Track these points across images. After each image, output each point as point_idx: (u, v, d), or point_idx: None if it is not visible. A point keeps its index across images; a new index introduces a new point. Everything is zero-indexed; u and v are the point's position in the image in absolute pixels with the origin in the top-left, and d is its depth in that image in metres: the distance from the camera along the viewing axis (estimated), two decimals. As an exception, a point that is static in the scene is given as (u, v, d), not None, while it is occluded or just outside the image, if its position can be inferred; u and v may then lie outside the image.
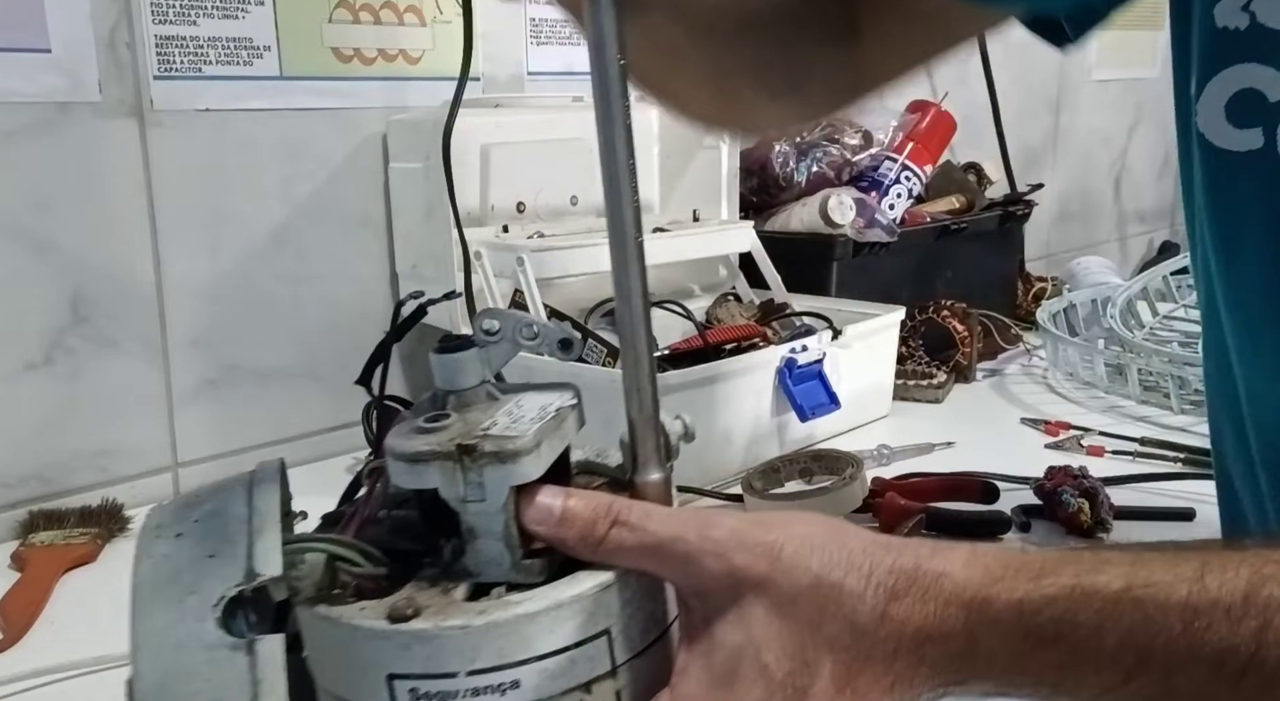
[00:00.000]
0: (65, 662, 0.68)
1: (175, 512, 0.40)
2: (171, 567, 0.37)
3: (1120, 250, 2.29)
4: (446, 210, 1.01)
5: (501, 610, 0.38)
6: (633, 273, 0.43)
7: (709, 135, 0.77)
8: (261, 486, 0.41)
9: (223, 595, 0.36)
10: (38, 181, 0.90)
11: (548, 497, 0.40)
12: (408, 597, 0.39)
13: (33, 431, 0.92)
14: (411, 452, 0.39)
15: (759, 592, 0.39)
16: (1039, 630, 0.37)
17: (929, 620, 0.38)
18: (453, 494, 0.39)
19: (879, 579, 0.39)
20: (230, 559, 0.37)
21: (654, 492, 0.43)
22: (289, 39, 1.03)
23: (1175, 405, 1.16)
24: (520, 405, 0.43)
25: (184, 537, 0.39)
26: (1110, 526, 0.86)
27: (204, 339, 1.01)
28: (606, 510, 0.41)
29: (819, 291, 1.25)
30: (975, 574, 0.38)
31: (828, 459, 0.98)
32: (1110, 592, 0.36)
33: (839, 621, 0.38)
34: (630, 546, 0.40)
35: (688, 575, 0.40)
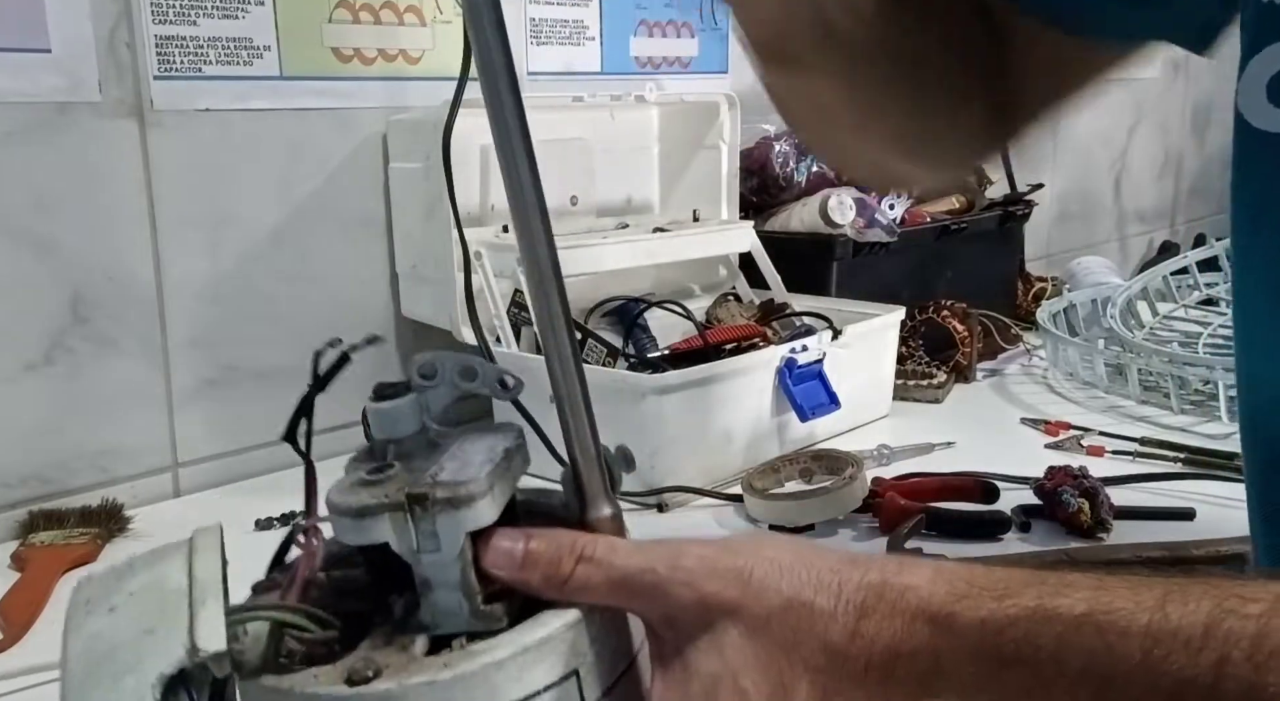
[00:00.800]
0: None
1: (107, 585, 0.38)
2: (106, 646, 0.35)
3: (1120, 250, 2.30)
4: (446, 210, 1.01)
5: (467, 661, 0.37)
6: (555, 308, 0.41)
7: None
8: (200, 554, 0.39)
9: (162, 673, 0.34)
10: (38, 181, 0.90)
11: (508, 541, 0.40)
12: (364, 658, 0.37)
13: (33, 431, 0.92)
14: (358, 507, 0.38)
15: (732, 618, 0.39)
16: (1000, 651, 0.37)
17: (897, 636, 0.38)
18: (405, 546, 0.38)
19: (848, 596, 0.39)
20: (169, 634, 0.35)
21: (607, 529, 0.43)
22: (289, 39, 1.03)
23: (1175, 405, 1.16)
24: (465, 449, 0.41)
25: (117, 612, 0.36)
26: (1110, 526, 0.86)
27: (204, 339, 1.01)
28: (570, 548, 0.40)
29: (819, 291, 1.25)
30: (940, 589, 0.38)
31: (828, 459, 0.98)
32: (1071, 617, 0.36)
33: (813, 641, 0.39)
34: (598, 583, 0.40)
35: (658, 606, 0.40)
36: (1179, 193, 2.49)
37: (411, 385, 0.41)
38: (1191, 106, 2.44)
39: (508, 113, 0.41)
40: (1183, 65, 2.34)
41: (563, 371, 0.42)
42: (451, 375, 0.41)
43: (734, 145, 1.26)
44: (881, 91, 0.58)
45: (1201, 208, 2.56)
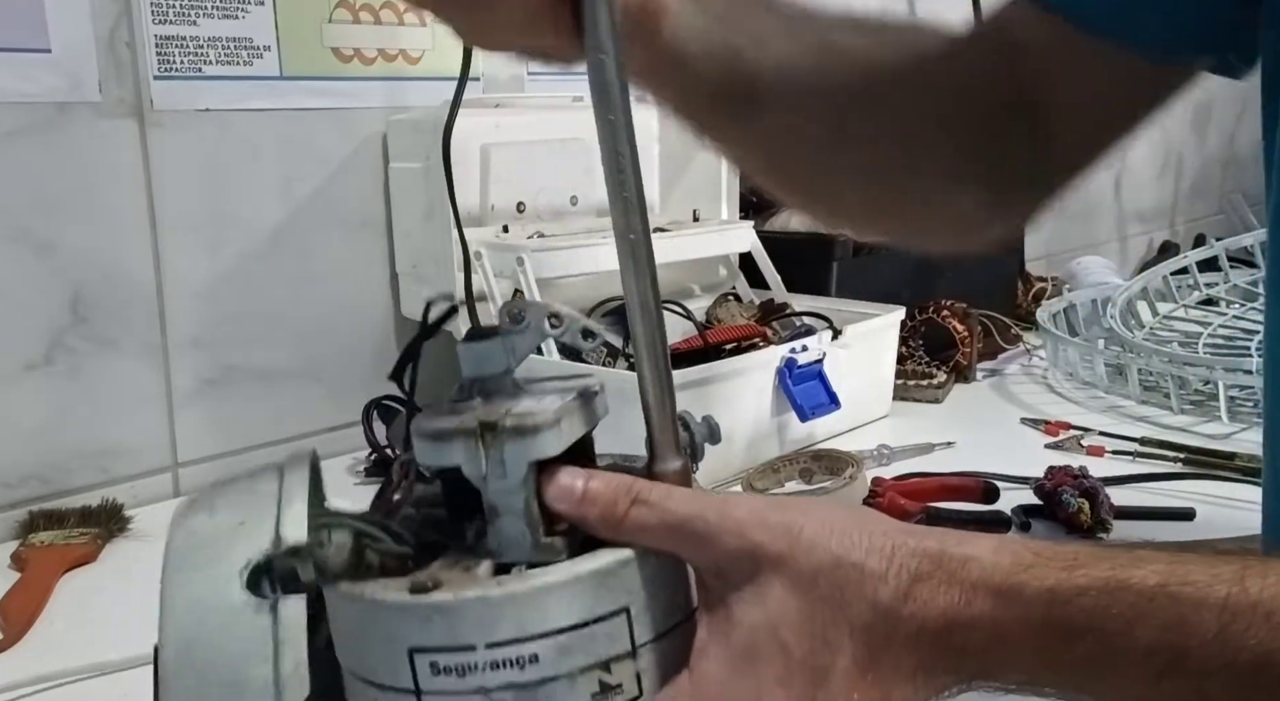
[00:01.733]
0: (64, 664, 0.68)
1: (210, 490, 0.42)
2: (201, 537, 0.39)
3: (1120, 250, 2.30)
4: (446, 210, 1.01)
5: (519, 582, 0.38)
6: (641, 258, 0.43)
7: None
8: (292, 467, 0.42)
9: (249, 559, 0.37)
10: (38, 181, 0.90)
11: (569, 477, 0.41)
12: (430, 573, 0.40)
13: (33, 431, 0.92)
14: (435, 430, 0.40)
15: (777, 570, 0.39)
16: (1069, 621, 0.36)
17: (954, 604, 0.37)
18: (474, 471, 0.40)
19: (902, 560, 0.38)
20: (258, 527, 0.38)
21: (673, 482, 0.43)
22: (289, 39, 1.03)
23: (1175, 405, 1.16)
24: (544, 392, 0.43)
25: (215, 512, 0.40)
26: (1110, 526, 0.86)
27: (204, 339, 1.01)
28: (628, 489, 0.41)
29: (819, 291, 1.25)
30: (1004, 559, 0.37)
31: (828, 459, 0.98)
32: (1145, 588, 0.35)
33: (860, 601, 0.38)
34: (651, 524, 0.40)
35: (707, 553, 0.40)
36: (1179, 193, 2.49)
37: (500, 329, 0.43)
38: (1192, 106, 2.43)
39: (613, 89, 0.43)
40: (1183, 65, 2.34)
41: (645, 327, 0.43)
42: (538, 322, 0.43)
43: (734, 146, 1.26)
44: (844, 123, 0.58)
45: (1201, 208, 2.56)
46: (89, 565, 0.84)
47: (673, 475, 0.43)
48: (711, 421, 0.46)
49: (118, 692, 0.66)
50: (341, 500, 0.44)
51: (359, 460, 1.04)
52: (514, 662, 0.38)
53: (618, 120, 0.43)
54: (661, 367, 0.44)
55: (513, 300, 0.44)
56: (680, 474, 0.44)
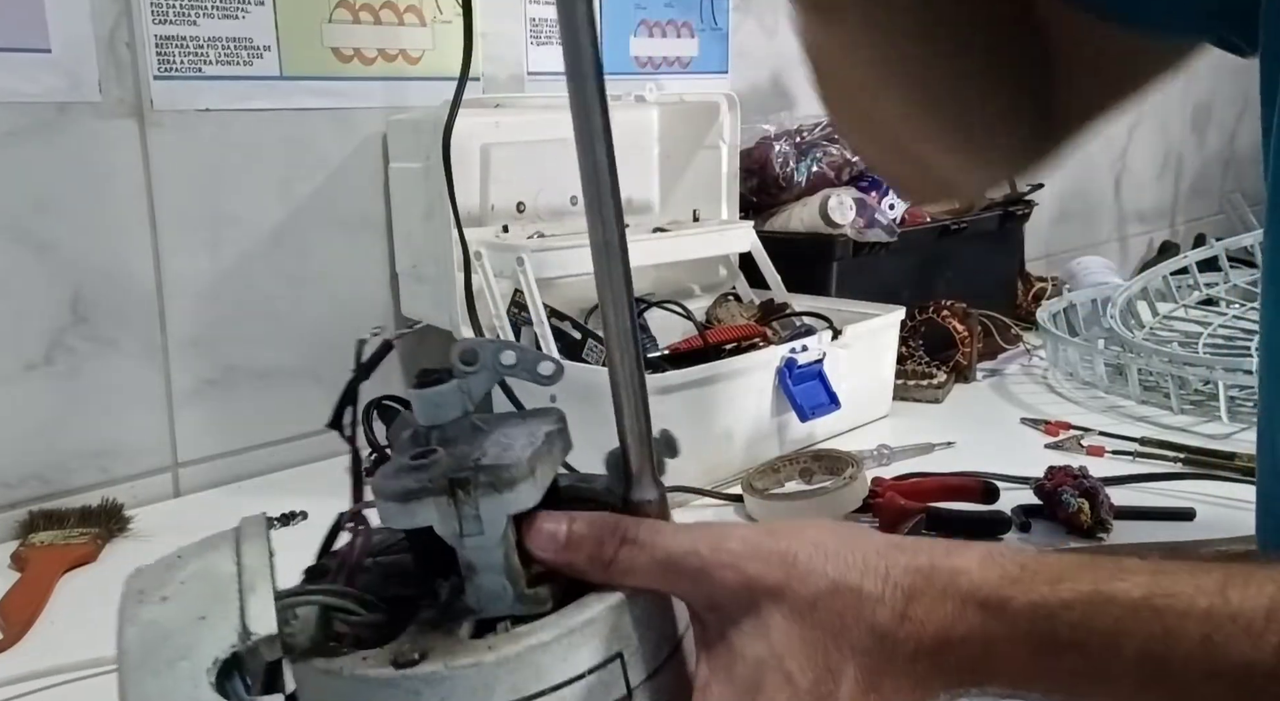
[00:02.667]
0: (64, 664, 0.68)
1: (159, 575, 0.39)
2: (160, 632, 0.36)
3: (1120, 250, 2.30)
4: (446, 210, 1.01)
5: (512, 644, 0.37)
6: (618, 288, 0.41)
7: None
8: (248, 541, 0.39)
9: (216, 657, 0.35)
10: (38, 181, 0.90)
11: (551, 523, 0.40)
12: (411, 641, 0.38)
13: (33, 431, 0.92)
14: (402, 491, 0.38)
15: (776, 601, 0.39)
16: (1054, 635, 0.36)
17: (947, 620, 0.37)
18: (449, 530, 0.38)
19: (895, 579, 0.38)
20: (222, 619, 0.36)
21: (652, 512, 0.43)
22: (289, 39, 1.03)
23: (1175, 405, 1.16)
24: (507, 434, 0.41)
25: (169, 601, 0.37)
26: (1110, 526, 0.86)
27: (204, 339, 1.01)
28: (613, 529, 0.40)
29: (819, 291, 1.25)
30: (991, 574, 0.38)
31: (828, 459, 0.98)
32: (1129, 600, 0.36)
33: (860, 625, 0.38)
34: (642, 565, 0.40)
35: (702, 589, 0.40)
36: (1179, 193, 2.49)
37: (453, 371, 0.42)
38: (1192, 106, 2.44)
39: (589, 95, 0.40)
40: (1183, 65, 2.34)
41: (621, 352, 0.42)
42: (492, 361, 0.42)
43: (734, 145, 1.26)
44: (924, 54, 0.56)
45: (1201, 208, 2.56)
46: (89, 565, 0.84)
47: (652, 504, 0.43)
48: (668, 435, 0.44)
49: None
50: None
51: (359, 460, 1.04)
52: None
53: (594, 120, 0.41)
54: (638, 396, 0.42)
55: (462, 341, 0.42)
56: (660, 502, 0.43)
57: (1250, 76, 0.56)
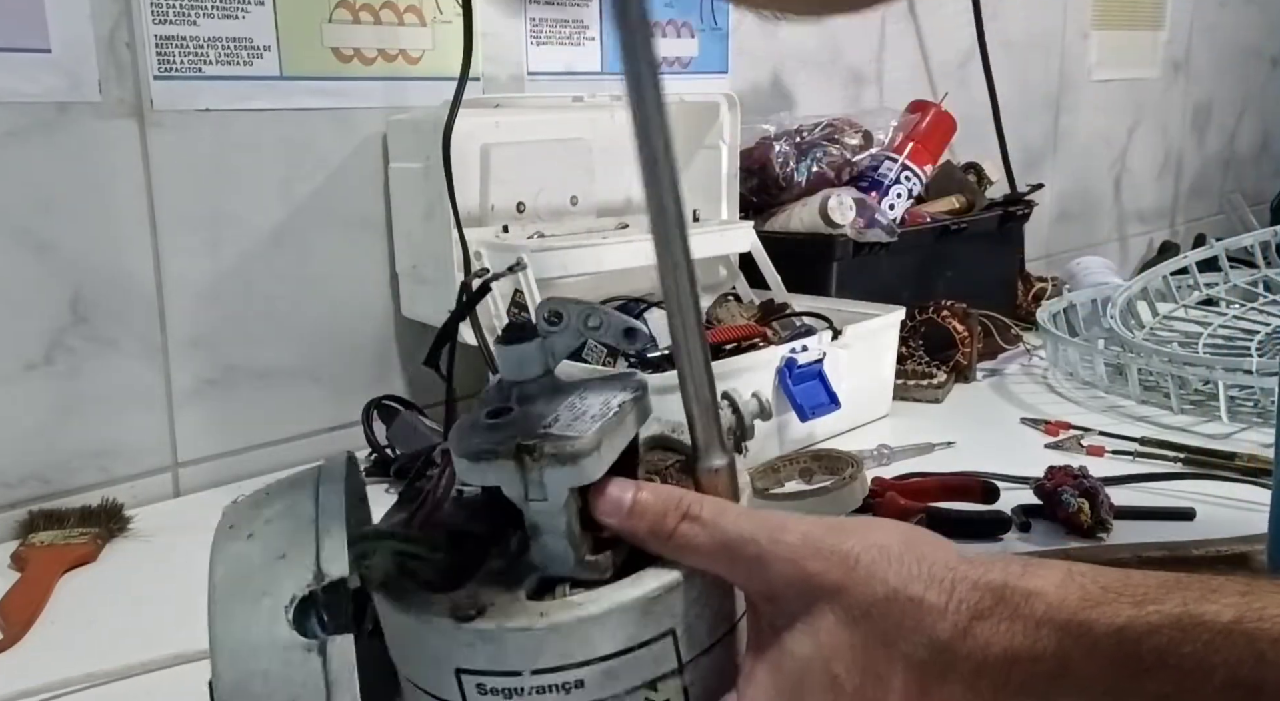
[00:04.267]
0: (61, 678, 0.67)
1: (247, 512, 0.41)
2: (245, 569, 0.38)
3: (1120, 250, 2.30)
4: (446, 210, 1.01)
5: (563, 612, 0.38)
6: (678, 254, 0.42)
7: None
8: (327, 484, 0.41)
9: (294, 596, 0.37)
10: (38, 181, 0.90)
11: (617, 490, 0.40)
12: (472, 594, 0.39)
13: (33, 431, 0.92)
14: (473, 451, 0.39)
15: (831, 602, 0.38)
16: (1140, 660, 0.35)
17: (1017, 640, 0.36)
18: (515, 493, 0.39)
19: (962, 595, 0.37)
20: (299, 560, 0.38)
21: (718, 480, 0.43)
22: (289, 39, 1.03)
23: (1175, 405, 1.16)
24: (584, 398, 0.42)
25: (255, 539, 0.39)
26: (1110, 526, 0.86)
27: (204, 339, 1.01)
28: (677, 504, 0.40)
29: (819, 291, 1.25)
30: (1071, 595, 0.36)
31: (828, 459, 0.98)
32: (1220, 624, 0.34)
33: (917, 635, 0.37)
34: (701, 543, 0.39)
35: (758, 579, 0.39)
36: (1179, 193, 2.49)
37: (538, 329, 0.42)
38: (1192, 106, 2.43)
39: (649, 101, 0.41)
40: (1183, 65, 2.34)
41: (682, 320, 0.42)
42: (578, 321, 0.43)
43: (734, 145, 1.26)
44: None
45: (1201, 208, 2.56)
46: (89, 565, 0.84)
47: (717, 473, 0.43)
48: (761, 397, 0.44)
49: (118, 693, 0.66)
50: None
51: (359, 460, 1.04)
52: (560, 687, 0.38)
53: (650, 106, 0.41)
54: (701, 362, 0.42)
55: (550, 299, 0.43)
56: (725, 471, 0.43)
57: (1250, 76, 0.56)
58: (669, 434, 0.47)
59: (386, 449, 1.00)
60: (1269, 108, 2.64)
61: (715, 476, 0.43)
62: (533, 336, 0.42)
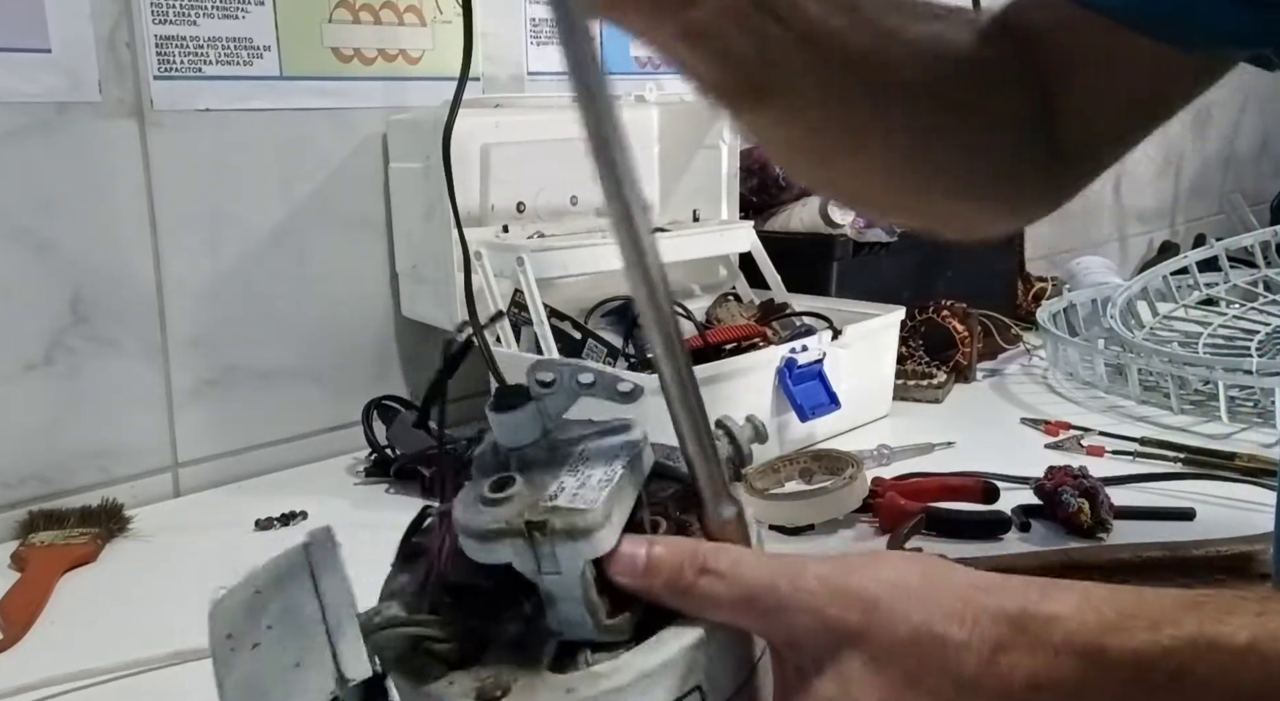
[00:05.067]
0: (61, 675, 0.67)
1: (243, 620, 0.39)
2: (259, 685, 0.37)
3: (1120, 250, 2.30)
4: (446, 210, 1.01)
5: (590, 686, 0.37)
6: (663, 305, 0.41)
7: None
8: (325, 574, 0.40)
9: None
10: (38, 181, 0.90)
11: (630, 547, 0.39)
12: (494, 673, 0.38)
13: (33, 431, 0.92)
14: (480, 531, 0.38)
15: (856, 646, 0.38)
16: (1156, 683, 0.35)
17: (1039, 668, 0.36)
18: (528, 568, 0.39)
19: (983, 628, 0.37)
20: (316, 667, 0.36)
21: (731, 531, 0.42)
22: (289, 39, 1.02)
23: (1175, 405, 1.16)
24: (586, 460, 0.41)
25: (261, 647, 0.38)
26: (1110, 526, 0.86)
27: (204, 339, 1.01)
28: (693, 556, 0.39)
29: (819, 291, 1.25)
30: (1090, 619, 0.36)
31: (828, 459, 0.98)
32: (1235, 646, 0.34)
33: (942, 674, 0.37)
34: (720, 596, 0.39)
35: (780, 627, 0.39)
36: (1179, 193, 2.49)
37: (530, 392, 0.42)
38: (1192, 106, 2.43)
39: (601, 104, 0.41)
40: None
41: (673, 372, 0.41)
42: (569, 382, 0.42)
43: (734, 145, 1.26)
44: (858, 122, 0.54)
45: (1201, 208, 2.56)
46: (89, 565, 0.84)
47: (730, 524, 0.42)
48: (756, 421, 0.44)
49: (118, 691, 0.66)
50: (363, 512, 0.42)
51: (359, 460, 1.04)
52: None
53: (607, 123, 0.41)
54: (696, 413, 0.42)
55: (540, 362, 0.42)
56: (735, 521, 0.42)
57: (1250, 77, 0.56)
58: (664, 461, 0.46)
59: (386, 449, 1.00)
60: (1269, 108, 2.64)
61: (726, 526, 0.42)
62: (526, 401, 0.42)
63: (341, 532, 0.46)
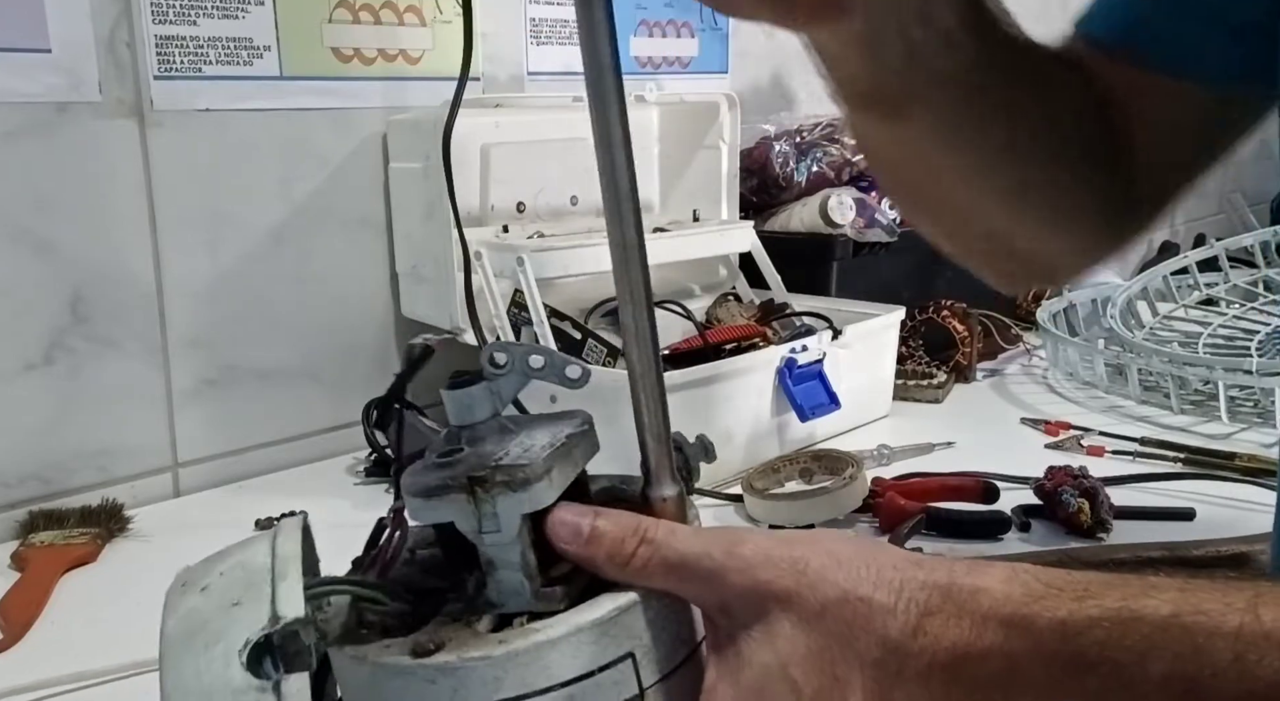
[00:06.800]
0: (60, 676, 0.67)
1: (200, 569, 0.41)
2: (198, 619, 0.38)
3: (1120, 250, 2.29)
4: (446, 210, 1.01)
5: (521, 638, 0.38)
6: (636, 284, 0.43)
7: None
8: (283, 535, 0.41)
9: (248, 640, 0.37)
10: (38, 181, 0.90)
11: (574, 515, 0.40)
12: (430, 632, 0.39)
13: (33, 431, 0.92)
14: (424, 487, 0.40)
15: (785, 608, 0.39)
16: (1081, 654, 0.36)
17: (964, 637, 0.37)
18: (468, 526, 0.40)
19: (911, 594, 0.38)
20: (254, 605, 0.38)
21: (668, 509, 0.43)
22: (289, 39, 1.03)
23: (1175, 405, 1.16)
24: (532, 436, 0.43)
25: (208, 591, 0.39)
26: (1110, 526, 0.86)
27: (204, 339, 1.01)
28: (634, 529, 0.40)
29: (819, 291, 1.25)
30: (1015, 590, 0.37)
31: (828, 459, 0.98)
32: (1158, 618, 0.35)
33: (869, 636, 0.38)
34: (655, 564, 0.40)
35: (713, 591, 0.40)
36: (1179, 193, 2.49)
37: (484, 373, 0.43)
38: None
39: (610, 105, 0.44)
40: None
41: (639, 349, 0.43)
42: (521, 364, 0.43)
43: (734, 145, 1.26)
44: (985, 137, 0.55)
45: (1201, 208, 2.56)
46: (89, 565, 0.84)
47: (667, 502, 0.43)
48: (705, 440, 0.46)
49: (118, 692, 0.66)
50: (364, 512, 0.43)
51: (359, 460, 1.04)
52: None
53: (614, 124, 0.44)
54: (656, 394, 0.43)
55: (493, 344, 0.44)
56: (675, 500, 0.44)
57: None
58: (618, 486, 0.47)
59: (386, 449, 1.00)
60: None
61: (665, 505, 0.43)
62: (478, 380, 0.43)
63: (341, 532, 0.46)
